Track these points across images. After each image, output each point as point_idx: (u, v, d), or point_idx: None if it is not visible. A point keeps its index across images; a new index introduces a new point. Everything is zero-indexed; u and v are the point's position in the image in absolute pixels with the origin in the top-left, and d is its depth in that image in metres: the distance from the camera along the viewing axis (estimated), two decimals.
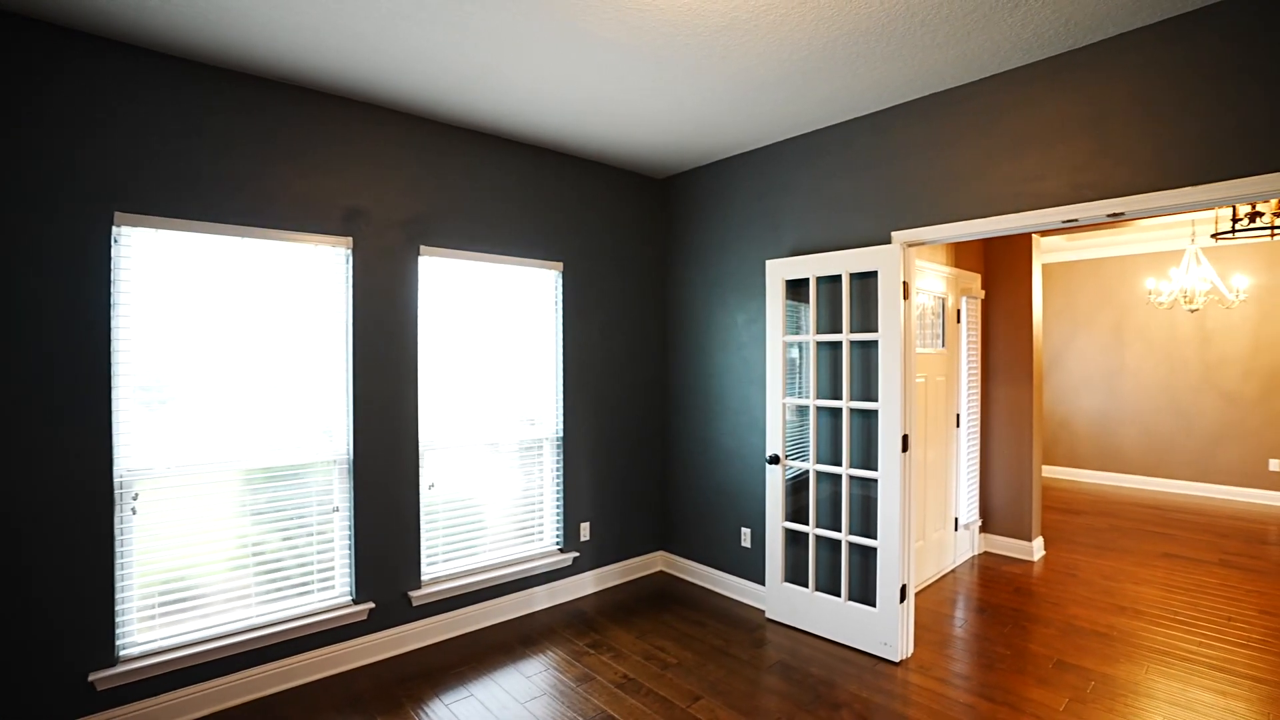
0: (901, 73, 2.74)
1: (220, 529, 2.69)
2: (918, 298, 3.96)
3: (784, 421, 3.49)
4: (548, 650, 3.18)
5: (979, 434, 4.73)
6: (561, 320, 3.83)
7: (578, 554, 3.88)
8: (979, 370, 4.68)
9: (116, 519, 2.45)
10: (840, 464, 3.30)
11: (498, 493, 3.57)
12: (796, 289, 3.52)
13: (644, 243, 4.27)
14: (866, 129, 3.20)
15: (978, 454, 4.69)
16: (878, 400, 3.09)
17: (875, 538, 3.14)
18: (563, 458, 3.83)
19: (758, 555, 3.76)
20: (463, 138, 3.38)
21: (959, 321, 4.43)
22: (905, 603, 3.06)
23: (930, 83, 2.83)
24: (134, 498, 2.49)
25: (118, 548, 2.45)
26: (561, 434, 3.83)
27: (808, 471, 3.44)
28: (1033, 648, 3.17)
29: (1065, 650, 3.14)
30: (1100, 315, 7.18)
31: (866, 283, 3.19)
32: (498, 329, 3.56)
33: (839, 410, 3.32)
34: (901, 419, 3.00)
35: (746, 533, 3.81)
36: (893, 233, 3.08)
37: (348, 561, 3.04)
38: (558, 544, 3.84)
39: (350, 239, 2.99)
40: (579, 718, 2.59)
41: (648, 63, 2.64)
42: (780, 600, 3.50)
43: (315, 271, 2.93)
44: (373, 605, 3.04)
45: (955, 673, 2.93)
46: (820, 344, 3.39)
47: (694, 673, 2.95)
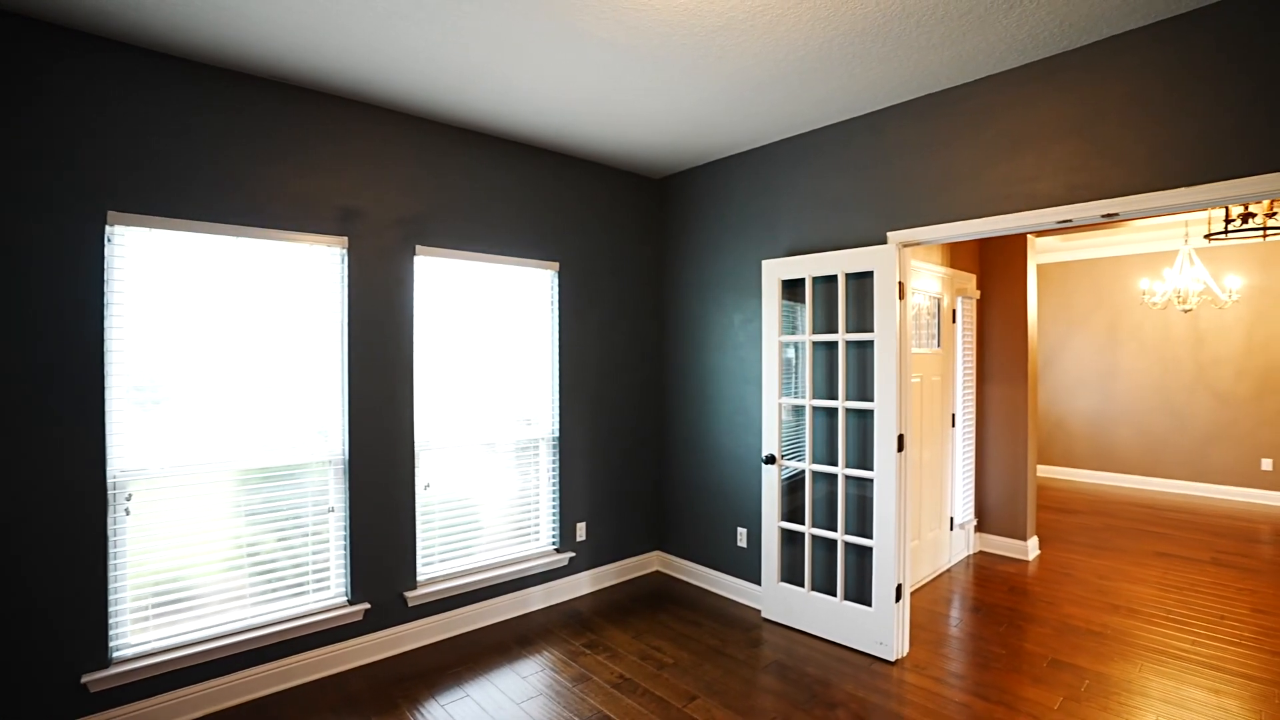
0: (897, 73, 2.74)
1: (215, 529, 2.68)
2: (913, 298, 3.97)
3: (780, 421, 3.50)
4: (544, 650, 3.18)
5: (974, 434, 4.74)
6: (558, 320, 3.82)
7: (574, 554, 3.88)
8: (974, 370, 4.70)
9: (110, 520, 2.43)
10: (836, 464, 3.31)
11: (494, 493, 3.56)
12: (792, 289, 3.52)
13: (640, 243, 4.27)
14: (862, 129, 3.21)
15: (973, 454, 4.71)
16: (873, 400, 3.10)
17: (871, 537, 3.15)
18: (559, 458, 3.83)
19: (754, 555, 3.77)
20: (459, 137, 3.38)
21: (954, 321, 4.44)
22: (901, 602, 3.07)
23: (926, 83, 2.84)
24: (128, 498, 2.48)
25: (111, 548, 2.44)
26: (558, 434, 3.83)
27: (803, 471, 3.45)
28: (1028, 647, 3.19)
29: (1060, 649, 3.15)
30: (1095, 315, 7.21)
31: (862, 283, 3.20)
32: (494, 329, 3.55)
33: (835, 410, 3.32)
34: (897, 419, 3.01)
35: (742, 532, 3.82)
36: (888, 233, 3.09)
37: (343, 562, 3.03)
38: (554, 544, 3.84)
39: (346, 239, 2.98)
40: (575, 718, 2.59)
41: (644, 62, 2.63)
42: (776, 600, 3.50)
43: (310, 271, 2.92)
44: (368, 606, 3.03)
45: (951, 672, 2.94)
46: (816, 344, 3.40)
47: (690, 672, 2.95)
